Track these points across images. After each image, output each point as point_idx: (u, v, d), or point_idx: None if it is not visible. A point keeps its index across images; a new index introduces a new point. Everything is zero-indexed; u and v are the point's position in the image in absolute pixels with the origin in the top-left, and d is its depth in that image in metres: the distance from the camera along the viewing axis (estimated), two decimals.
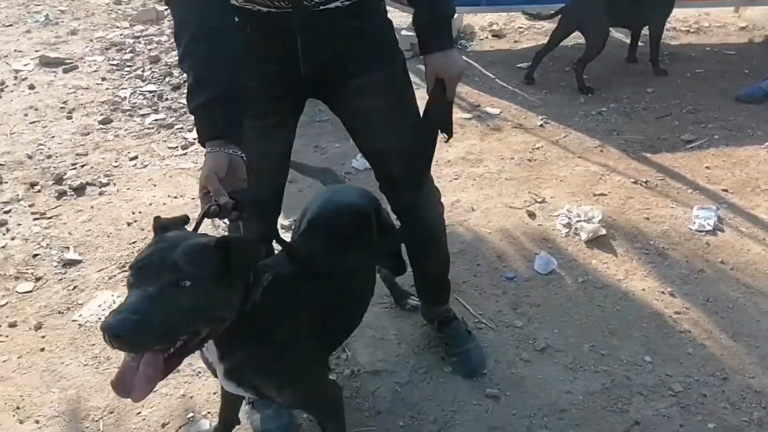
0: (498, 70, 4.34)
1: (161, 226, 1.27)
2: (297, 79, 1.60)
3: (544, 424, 1.88)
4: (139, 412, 1.96)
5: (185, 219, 1.33)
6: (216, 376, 1.45)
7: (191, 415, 1.94)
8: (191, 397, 2.00)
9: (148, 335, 1.09)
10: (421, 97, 1.72)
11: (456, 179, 3.11)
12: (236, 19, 1.50)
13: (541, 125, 3.60)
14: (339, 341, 1.75)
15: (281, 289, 1.40)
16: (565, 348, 2.14)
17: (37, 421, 1.95)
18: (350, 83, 1.66)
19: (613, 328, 2.21)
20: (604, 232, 2.64)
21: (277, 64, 1.58)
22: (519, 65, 4.34)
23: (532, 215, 2.81)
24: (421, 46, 1.67)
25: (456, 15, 4.78)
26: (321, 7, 1.52)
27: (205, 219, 1.27)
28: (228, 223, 1.31)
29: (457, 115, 3.73)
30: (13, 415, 1.97)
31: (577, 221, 2.69)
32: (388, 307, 2.32)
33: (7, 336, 2.28)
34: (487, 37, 4.94)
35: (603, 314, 2.27)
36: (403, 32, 4.13)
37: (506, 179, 3.10)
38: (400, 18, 5.31)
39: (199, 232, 1.30)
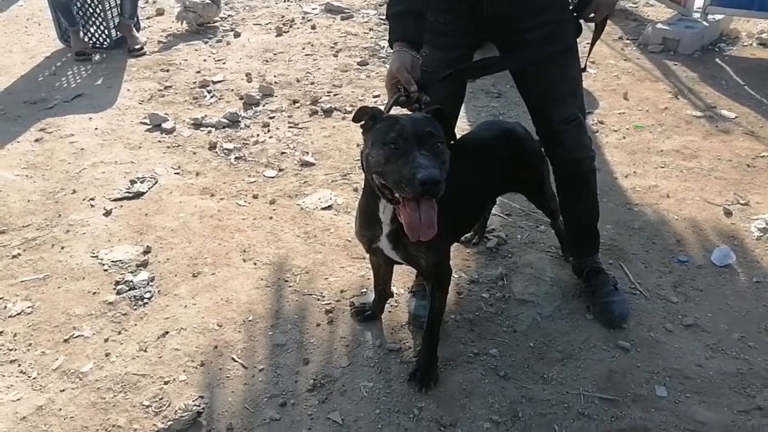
0: (750, 77, 4.13)
1: (378, 110, 1.62)
2: (481, 20, 1.89)
3: (664, 383, 1.98)
4: (327, 278, 2.44)
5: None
6: (368, 243, 1.84)
7: (364, 290, 2.37)
8: (368, 278, 2.43)
9: (442, 183, 1.47)
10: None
11: (662, 168, 3.14)
12: None
13: None
14: (463, 231, 2.14)
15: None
16: (713, 331, 2.17)
17: (255, 263, 2.53)
18: (524, 35, 1.90)
19: None
20: None
21: (467, 5, 1.88)
22: None
23: (728, 213, 2.78)
24: None
25: (723, 17, 4.64)
26: None
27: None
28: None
29: (687, 111, 3.69)
30: (240, 255, 2.57)
31: None
32: (553, 256, 2.53)
33: (249, 203, 2.92)
34: (751, 44, 4.67)
35: (767, 314, 2.25)
36: (658, 26, 4.13)
37: (715, 177, 3.05)
38: (656, 13, 5.24)
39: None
